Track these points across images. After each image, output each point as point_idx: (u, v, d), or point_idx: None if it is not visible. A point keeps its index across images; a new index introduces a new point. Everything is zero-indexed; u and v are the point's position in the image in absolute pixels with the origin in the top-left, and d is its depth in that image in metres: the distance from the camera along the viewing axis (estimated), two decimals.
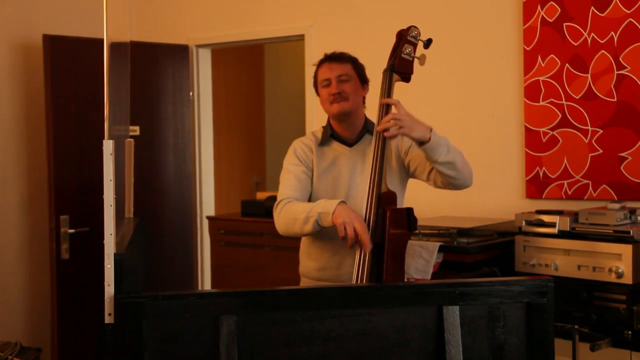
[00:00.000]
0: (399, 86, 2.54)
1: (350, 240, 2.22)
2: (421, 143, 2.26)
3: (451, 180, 2.34)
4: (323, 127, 2.67)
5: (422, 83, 3.72)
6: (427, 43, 2.39)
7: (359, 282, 2.21)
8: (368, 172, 2.46)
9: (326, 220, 2.31)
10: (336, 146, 2.61)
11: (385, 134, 2.27)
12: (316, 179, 2.57)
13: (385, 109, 2.34)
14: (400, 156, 2.55)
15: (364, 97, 2.65)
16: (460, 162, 2.33)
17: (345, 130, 2.60)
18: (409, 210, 2.25)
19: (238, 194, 5.53)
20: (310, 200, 2.56)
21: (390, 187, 2.37)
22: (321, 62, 2.65)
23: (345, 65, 2.60)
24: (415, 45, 2.40)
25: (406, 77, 2.41)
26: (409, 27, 2.40)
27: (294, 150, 2.63)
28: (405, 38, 2.39)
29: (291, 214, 2.43)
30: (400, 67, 2.38)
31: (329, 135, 2.62)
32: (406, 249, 2.26)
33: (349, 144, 2.60)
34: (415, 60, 2.40)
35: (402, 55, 2.38)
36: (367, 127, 2.61)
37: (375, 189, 2.27)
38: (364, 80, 2.64)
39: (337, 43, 4.06)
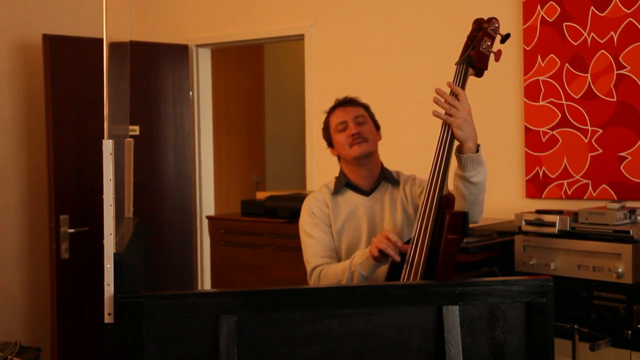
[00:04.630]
0: (397, 86, 2.51)
1: (387, 250, 2.14)
2: (460, 152, 2.11)
3: (467, 207, 2.17)
4: (336, 177, 2.55)
5: (421, 82, 3.72)
6: (505, 38, 2.20)
7: None
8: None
9: (368, 265, 2.23)
10: (352, 196, 2.49)
11: (434, 112, 2.10)
12: (336, 234, 2.45)
13: (450, 93, 2.14)
14: (414, 201, 2.45)
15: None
16: (483, 193, 2.18)
17: (364, 179, 2.48)
18: (465, 215, 2.08)
19: (238, 194, 5.52)
20: None
21: (412, 231, 2.21)
22: (333, 108, 2.55)
23: (358, 108, 2.52)
24: (493, 39, 2.20)
25: (480, 73, 2.20)
26: (490, 19, 2.21)
27: (308, 208, 2.50)
28: (485, 30, 2.19)
29: (332, 277, 2.33)
30: (477, 62, 2.17)
31: (344, 184, 2.50)
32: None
33: (366, 192, 2.49)
34: (491, 56, 2.19)
35: (481, 49, 2.17)
36: (384, 174, 2.49)
37: (437, 192, 2.09)
38: (377, 126, 2.55)
39: (337, 43, 4.07)
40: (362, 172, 2.48)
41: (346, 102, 2.54)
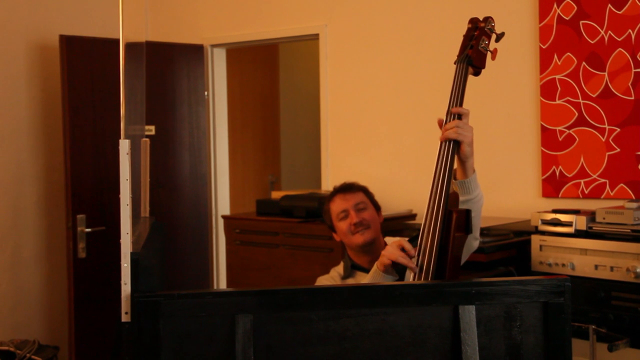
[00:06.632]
0: (412, 85, 2.48)
1: (400, 260, 2.12)
2: (457, 177, 2.15)
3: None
4: (342, 260, 2.63)
5: (437, 80, 3.71)
6: (500, 36, 2.25)
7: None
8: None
9: (379, 276, 2.21)
10: (359, 277, 2.56)
11: (444, 132, 2.08)
12: None
13: (452, 116, 2.13)
14: None
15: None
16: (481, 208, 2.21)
17: (369, 262, 2.51)
18: (469, 212, 2.07)
19: (253, 193, 5.54)
20: None
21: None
22: (332, 196, 2.59)
23: (358, 194, 2.56)
24: (490, 38, 2.25)
25: (478, 72, 2.23)
26: (486, 18, 2.25)
27: (320, 282, 2.60)
28: (483, 29, 2.23)
29: None
30: (476, 61, 2.19)
31: (350, 267, 2.57)
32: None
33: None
34: (488, 55, 2.23)
35: (479, 48, 2.20)
36: None
37: (443, 190, 2.05)
38: (377, 207, 2.60)
39: (351, 42, 4.07)
40: (367, 257, 2.54)
41: (345, 189, 2.58)
